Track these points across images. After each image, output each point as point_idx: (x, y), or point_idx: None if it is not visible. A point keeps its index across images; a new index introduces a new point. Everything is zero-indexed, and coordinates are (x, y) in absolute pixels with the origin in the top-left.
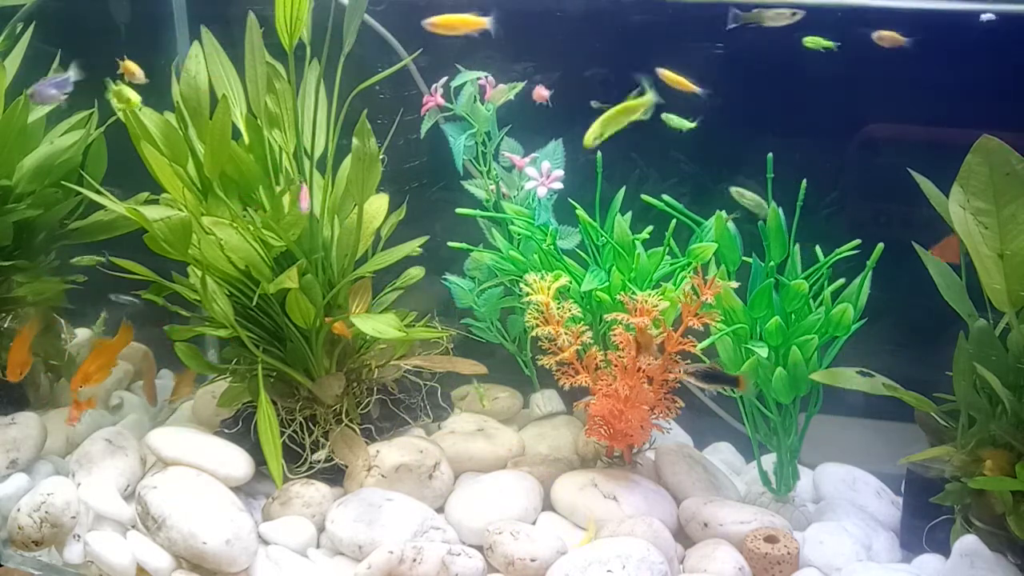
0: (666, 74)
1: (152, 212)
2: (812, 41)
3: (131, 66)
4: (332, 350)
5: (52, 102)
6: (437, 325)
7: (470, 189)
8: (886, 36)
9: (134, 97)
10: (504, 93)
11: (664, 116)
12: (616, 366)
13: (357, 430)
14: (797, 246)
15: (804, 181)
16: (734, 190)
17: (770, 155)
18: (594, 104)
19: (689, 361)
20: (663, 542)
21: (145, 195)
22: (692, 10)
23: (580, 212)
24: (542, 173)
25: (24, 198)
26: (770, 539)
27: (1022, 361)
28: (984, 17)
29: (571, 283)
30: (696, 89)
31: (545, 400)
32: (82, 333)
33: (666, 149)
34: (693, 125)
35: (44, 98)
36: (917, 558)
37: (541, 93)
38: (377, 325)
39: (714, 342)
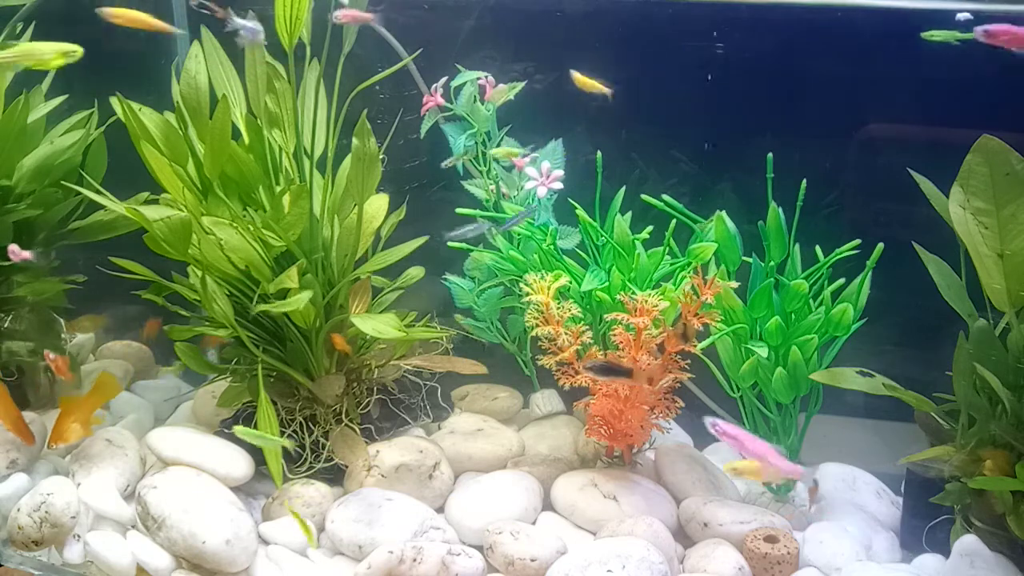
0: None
1: (152, 212)
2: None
3: None
4: (332, 350)
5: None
6: (436, 325)
7: (470, 189)
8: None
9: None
10: (504, 93)
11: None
12: None
13: (357, 430)
14: (797, 246)
15: (804, 181)
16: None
17: (770, 155)
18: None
19: (688, 362)
20: (663, 542)
21: (145, 195)
22: (692, 10)
23: (580, 212)
24: (542, 173)
25: (24, 198)
26: (770, 539)
27: (1022, 361)
28: (960, 16)
29: (571, 283)
30: (606, 90)
31: (545, 400)
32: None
33: (666, 149)
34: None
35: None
36: (917, 558)
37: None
38: (377, 325)
39: (714, 342)
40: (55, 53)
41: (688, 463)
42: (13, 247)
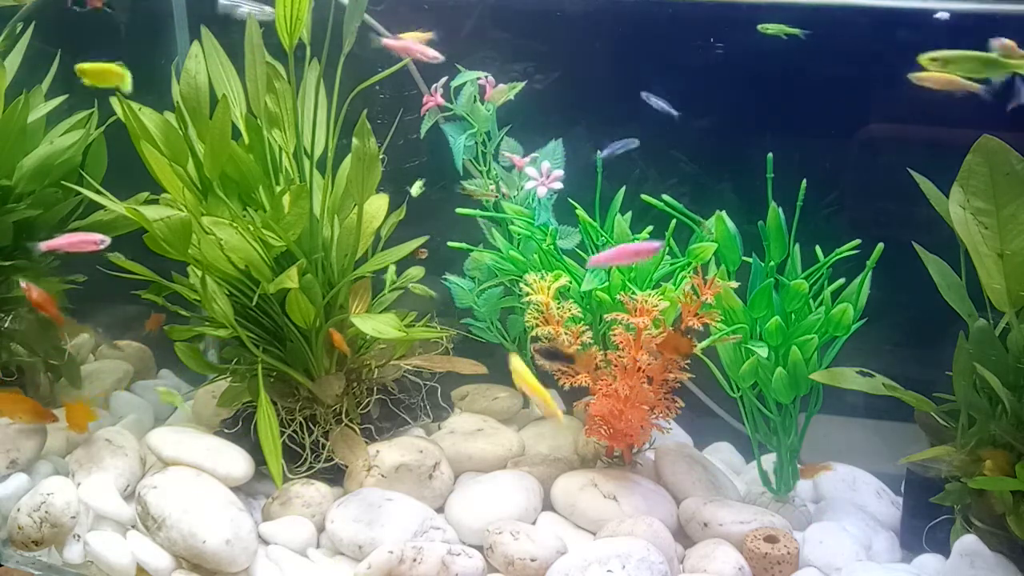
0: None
1: (152, 212)
2: (773, 28)
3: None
4: (332, 350)
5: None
6: (436, 325)
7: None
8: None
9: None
10: (504, 93)
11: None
12: (616, 366)
13: (357, 430)
14: (797, 246)
15: (804, 181)
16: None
17: (770, 155)
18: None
19: (689, 363)
20: (663, 542)
21: (145, 195)
22: (692, 10)
23: (580, 212)
24: (542, 173)
25: (24, 198)
26: (770, 539)
27: (1022, 361)
28: (939, 16)
29: (571, 283)
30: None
31: None
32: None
33: (666, 149)
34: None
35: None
36: (917, 558)
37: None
38: (377, 325)
39: (714, 342)
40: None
41: (688, 463)
42: (96, 236)
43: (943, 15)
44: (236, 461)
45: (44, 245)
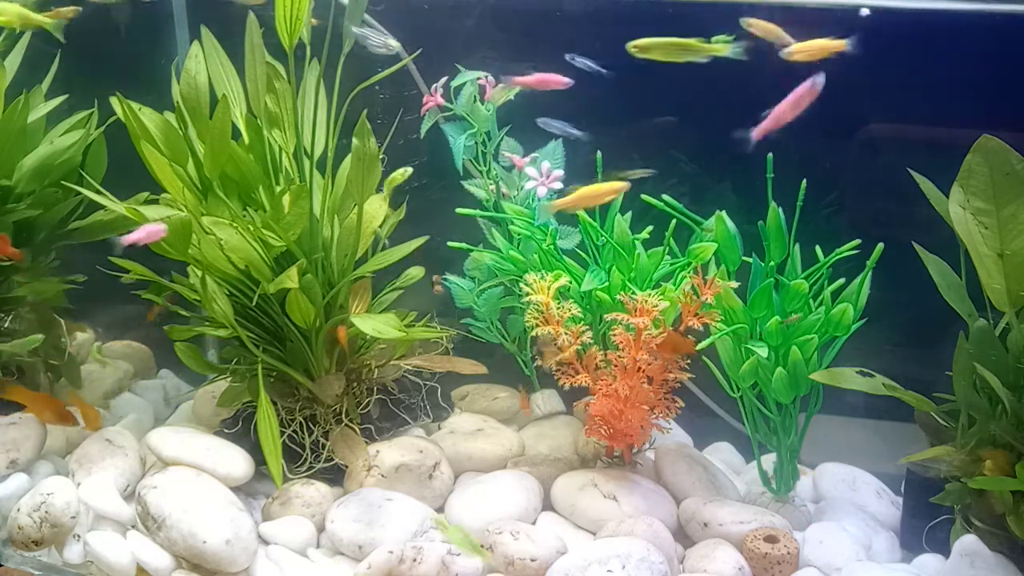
0: None
1: (152, 212)
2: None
3: None
4: (332, 350)
5: None
6: (436, 325)
7: (470, 189)
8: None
9: None
10: (504, 93)
11: None
12: (616, 366)
13: (357, 430)
14: (797, 246)
15: (804, 181)
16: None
17: (770, 155)
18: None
19: (688, 362)
20: (663, 542)
21: (145, 195)
22: (692, 9)
23: (580, 212)
24: (542, 173)
25: (24, 198)
26: (770, 539)
27: (1022, 361)
28: (863, 12)
29: (571, 283)
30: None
31: (545, 400)
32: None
33: (666, 149)
34: None
35: None
36: (917, 558)
37: None
38: (377, 325)
39: (714, 342)
40: None
41: (688, 463)
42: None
43: (866, 11)
44: (236, 461)
45: (124, 240)
